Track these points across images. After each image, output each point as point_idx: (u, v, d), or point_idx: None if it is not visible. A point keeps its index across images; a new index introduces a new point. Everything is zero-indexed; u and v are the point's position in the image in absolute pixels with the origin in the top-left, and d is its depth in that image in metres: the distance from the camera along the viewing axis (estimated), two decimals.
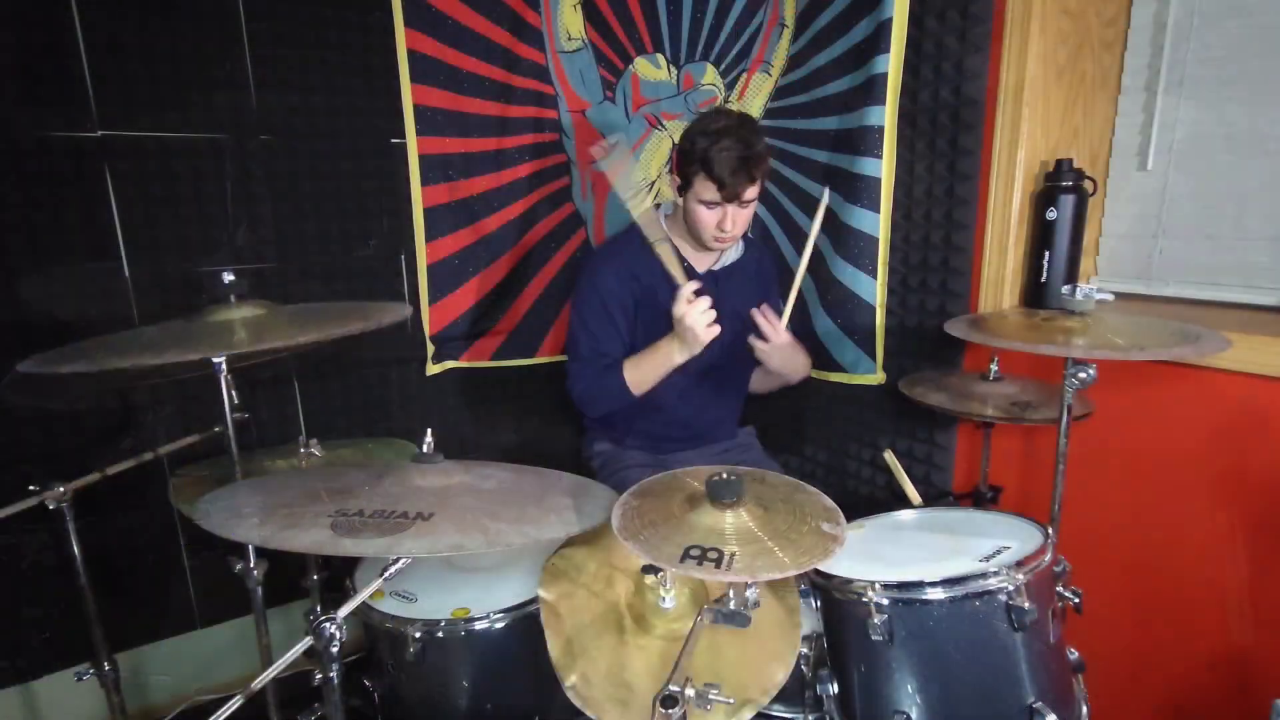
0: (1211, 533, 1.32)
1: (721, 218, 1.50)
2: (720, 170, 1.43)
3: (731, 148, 1.43)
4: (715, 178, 1.45)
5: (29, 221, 1.48)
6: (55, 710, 1.67)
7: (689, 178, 1.50)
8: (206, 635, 1.83)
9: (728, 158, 1.43)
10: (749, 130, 1.46)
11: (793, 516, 0.94)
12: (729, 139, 1.43)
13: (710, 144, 1.44)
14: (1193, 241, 1.42)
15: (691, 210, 1.53)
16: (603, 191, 2.11)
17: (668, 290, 1.62)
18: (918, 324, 1.66)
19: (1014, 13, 1.41)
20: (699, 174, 1.47)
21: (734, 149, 1.43)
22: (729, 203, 1.48)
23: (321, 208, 1.78)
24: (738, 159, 1.43)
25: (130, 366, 1.00)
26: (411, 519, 0.90)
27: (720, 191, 1.46)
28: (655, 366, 1.55)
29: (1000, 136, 1.48)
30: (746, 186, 1.46)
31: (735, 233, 1.53)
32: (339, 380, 1.87)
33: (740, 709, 0.97)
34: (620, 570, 1.13)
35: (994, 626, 0.96)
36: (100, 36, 1.48)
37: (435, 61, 1.81)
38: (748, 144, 1.44)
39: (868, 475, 1.87)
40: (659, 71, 2.03)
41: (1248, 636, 1.30)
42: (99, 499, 1.55)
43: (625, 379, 1.56)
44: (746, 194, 1.47)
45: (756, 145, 1.45)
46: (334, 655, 0.86)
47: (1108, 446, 1.43)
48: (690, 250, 1.63)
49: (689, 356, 1.51)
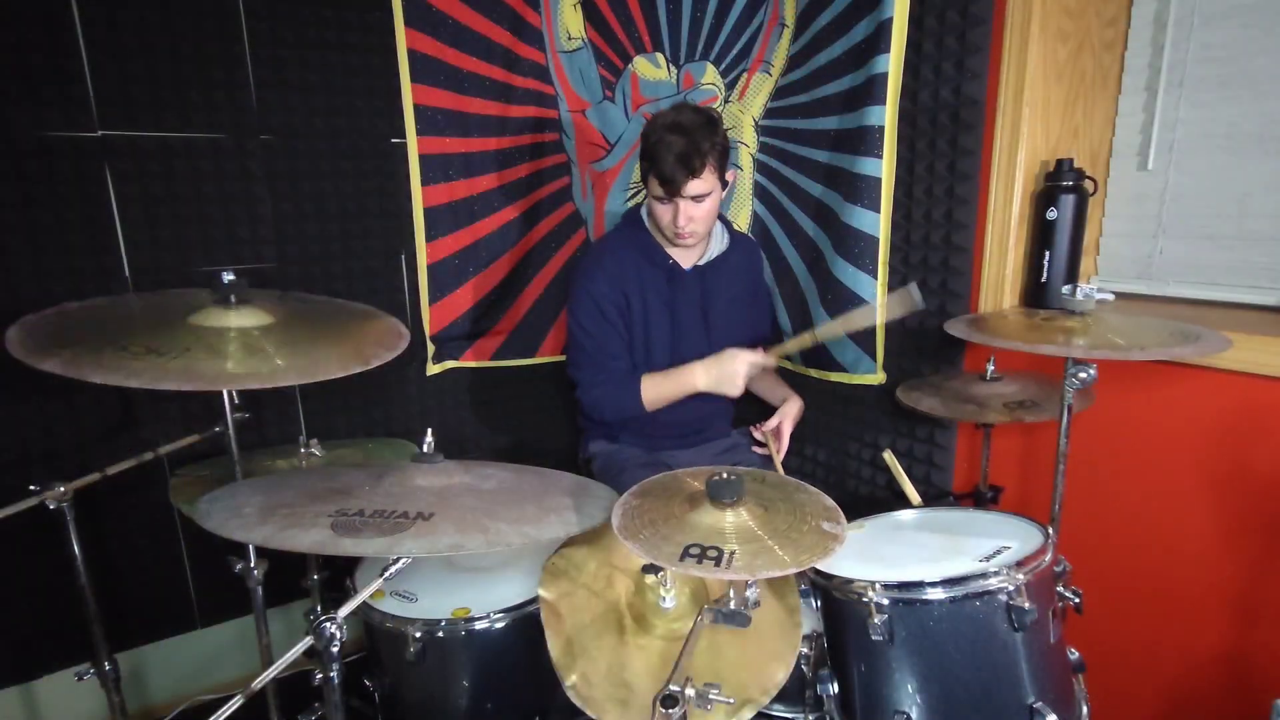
0: (1212, 533, 1.32)
1: (675, 213, 1.52)
2: (662, 166, 1.46)
3: (674, 144, 1.44)
4: (658, 173, 1.47)
5: (29, 221, 1.48)
6: (55, 710, 1.67)
7: (644, 173, 1.54)
8: (206, 635, 1.83)
9: (669, 154, 1.44)
10: (700, 127, 1.46)
11: (793, 516, 0.94)
12: (674, 135, 1.45)
13: (658, 140, 1.47)
14: (1193, 241, 1.42)
15: (651, 205, 1.57)
16: (603, 191, 2.11)
17: (658, 286, 1.64)
18: (918, 324, 1.66)
19: (1014, 12, 1.41)
20: (649, 170, 1.51)
21: (675, 145, 1.44)
22: (674, 198, 1.49)
23: (321, 208, 1.78)
24: (677, 155, 1.44)
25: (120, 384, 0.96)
26: (412, 519, 0.90)
27: (663, 187, 1.48)
28: (676, 388, 1.60)
29: (1000, 136, 1.48)
30: (687, 181, 1.46)
31: (694, 228, 1.54)
32: (339, 380, 1.86)
33: (740, 709, 0.97)
34: (620, 570, 1.13)
35: (994, 626, 0.96)
36: (100, 36, 1.48)
37: (435, 61, 1.80)
38: (692, 140, 1.44)
39: (868, 475, 1.87)
40: (659, 71, 2.03)
41: (1247, 636, 1.30)
42: (99, 499, 1.56)
43: (643, 394, 1.59)
44: (689, 189, 1.48)
45: (703, 142, 1.45)
46: (334, 655, 0.86)
47: (1108, 446, 1.43)
48: (673, 247, 1.64)
49: (709, 390, 1.58)
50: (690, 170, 1.45)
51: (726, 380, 1.55)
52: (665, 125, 1.47)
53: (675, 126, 1.46)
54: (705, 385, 1.57)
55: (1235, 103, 1.35)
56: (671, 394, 1.60)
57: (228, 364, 1.00)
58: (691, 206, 1.51)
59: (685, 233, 1.54)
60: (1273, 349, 1.20)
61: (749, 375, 1.56)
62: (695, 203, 1.51)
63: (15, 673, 1.62)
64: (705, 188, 1.49)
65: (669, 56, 2.02)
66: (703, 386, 1.57)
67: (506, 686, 1.21)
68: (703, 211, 1.53)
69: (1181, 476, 1.34)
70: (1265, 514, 1.25)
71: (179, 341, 1.02)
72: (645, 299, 1.63)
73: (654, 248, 1.64)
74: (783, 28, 1.85)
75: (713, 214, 1.58)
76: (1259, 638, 1.29)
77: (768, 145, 1.94)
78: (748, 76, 1.95)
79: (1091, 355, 1.10)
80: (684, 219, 1.51)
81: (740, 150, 1.97)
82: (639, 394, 1.59)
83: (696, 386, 1.58)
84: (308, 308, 1.29)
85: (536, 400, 2.15)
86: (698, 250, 1.67)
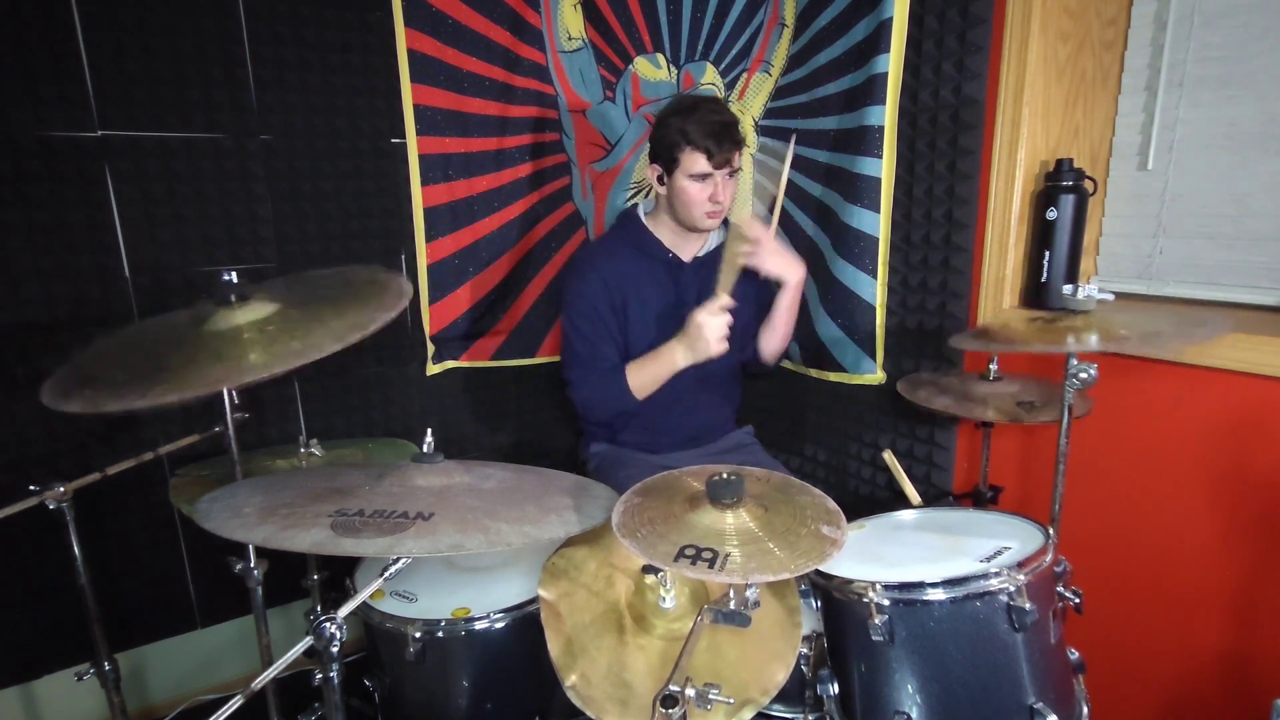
0: (1212, 533, 1.32)
1: (713, 189, 1.52)
2: (705, 139, 1.46)
3: (710, 114, 1.47)
4: (702, 147, 1.47)
5: (29, 221, 1.48)
6: (55, 710, 1.67)
7: (674, 156, 1.51)
8: (206, 635, 1.83)
9: (710, 125, 1.46)
10: (725, 105, 1.53)
11: (792, 519, 0.94)
12: (703, 110, 1.48)
13: (687, 117, 1.47)
14: (1193, 241, 1.42)
15: (680, 191, 1.54)
16: (603, 191, 2.11)
17: (654, 285, 1.63)
18: (918, 324, 1.66)
19: (1014, 12, 1.41)
20: (684, 149, 1.49)
21: (712, 115, 1.47)
22: (719, 170, 1.50)
23: (321, 208, 1.78)
24: (719, 124, 1.47)
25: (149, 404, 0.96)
26: (412, 519, 0.90)
27: (710, 160, 1.48)
28: (658, 370, 1.56)
29: (1000, 136, 1.48)
30: (732, 151, 1.49)
31: (727, 203, 1.55)
32: (339, 380, 1.87)
33: (740, 709, 0.97)
34: (621, 570, 1.13)
35: (994, 627, 0.96)
36: (100, 36, 1.48)
37: (435, 61, 1.81)
38: (727, 114, 1.49)
39: (868, 475, 1.87)
40: (659, 71, 2.03)
41: (1247, 636, 1.30)
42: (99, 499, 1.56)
43: (628, 383, 1.57)
44: (735, 160, 1.51)
45: (732, 117, 1.50)
46: (334, 655, 0.85)
47: (1108, 446, 1.43)
48: (677, 240, 1.64)
49: (692, 362, 1.52)
50: (734, 141, 1.48)
51: (701, 344, 1.48)
52: (690, 105, 1.49)
53: (700, 103, 1.49)
54: (686, 358, 1.52)
55: (1235, 103, 1.35)
56: (657, 375, 1.56)
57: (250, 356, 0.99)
58: (729, 181, 1.53)
59: (720, 210, 1.55)
60: (1273, 349, 1.20)
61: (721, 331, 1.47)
62: (730, 178, 1.53)
63: (15, 673, 1.62)
64: (739, 161, 1.53)
65: (669, 57, 2.02)
66: (684, 361, 1.52)
67: (506, 686, 1.20)
68: (734, 187, 1.56)
69: (1182, 476, 1.34)
70: (1265, 514, 1.25)
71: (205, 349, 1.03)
72: (644, 295, 1.63)
73: (653, 243, 1.64)
74: (783, 27, 1.85)
75: (735, 191, 1.60)
76: (1259, 638, 1.29)
77: (768, 145, 1.94)
78: (748, 76, 1.95)
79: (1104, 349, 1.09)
80: (722, 193, 1.52)
81: None
82: (626, 385, 1.57)
83: (679, 363, 1.53)
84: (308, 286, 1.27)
85: (536, 400, 2.15)
86: (697, 243, 1.67)
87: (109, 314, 1.57)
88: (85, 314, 1.55)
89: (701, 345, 1.48)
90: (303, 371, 1.81)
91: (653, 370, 1.57)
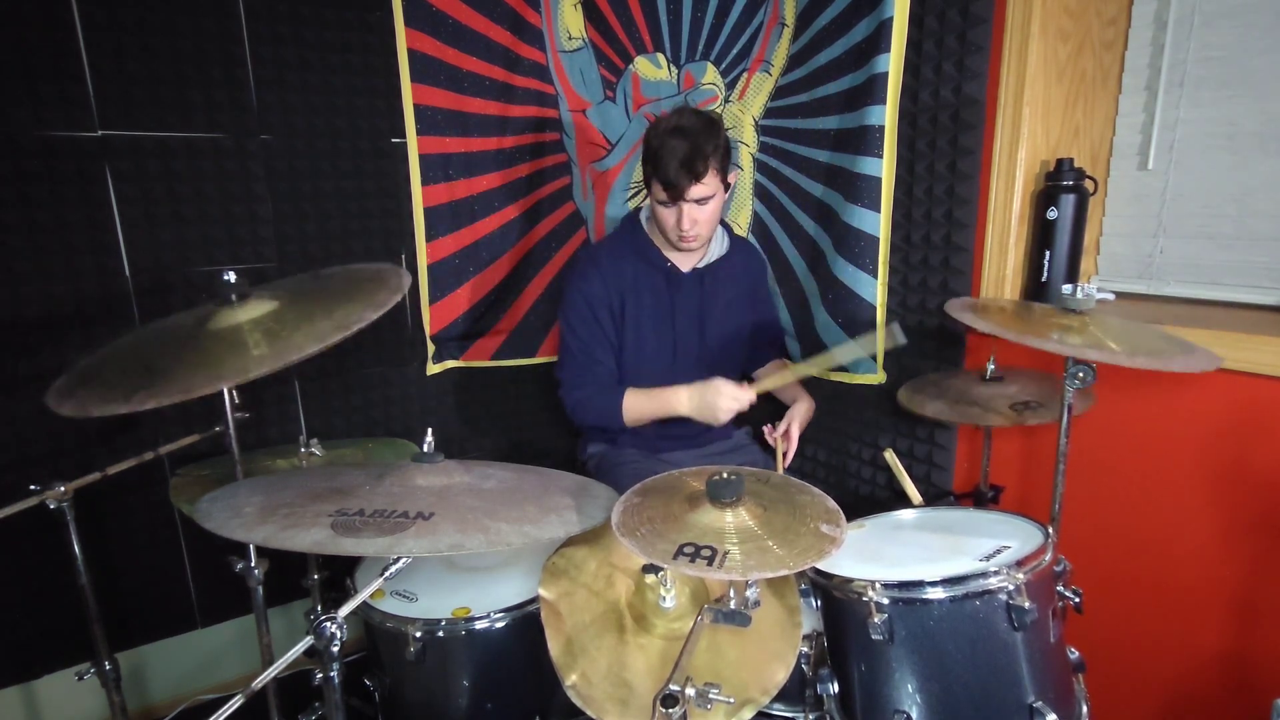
0: (1212, 532, 1.32)
1: (678, 216, 1.52)
2: (665, 170, 1.46)
3: (677, 148, 1.45)
4: (661, 178, 1.48)
5: (29, 221, 1.48)
6: (55, 710, 1.68)
7: (647, 178, 1.54)
8: (207, 635, 1.83)
9: (671, 159, 1.45)
10: (701, 130, 1.47)
11: (792, 517, 0.94)
12: (676, 139, 1.45)
13: (660, 145, 1.47)
14: (1193, 241, 1.42)
15: (654, 210, 1.56)
16: (603, 191, 2.11)
17: (652, 293, 1.63)
18: (918, 324, 1.66)
19: (1014, 12, 1.41)
20: (651, 174, 1.51)
21: (678, 149, 1.45)
22: (677, 202, 1.49)
23: (321, 207, 1.78)
24: (680, 159, 1.45)
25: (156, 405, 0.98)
26: (412, 519, 0.90)
27: (667, 191, 1.49)
28: (657, 409, 1.59)
29: (1001, 136, 1.47)
30: (690, 185, 1.47)
31: (698, 231, 1.54)
32: (339, 380, 1.87)
33: (740, 708, 0.97)
34: (621, 570, 1.13)
35: (994, 626, 0.96)
36: (100, 36, 1.48)
37: (435, 61, 1.81)
38: (694, 144, 1.45)
39: (868, 475, 1.87)
40: (659, 71, 2.03)
41: (1247, 636, 1.30)
42: (99, 499, 1.56)
43: (624, 406, 1.58)
44: (692, 193, 1.48)
45: (705, 145, 1.45)
46: (334, 655, 0.86)
47: (1108, 446, 1.43)
48: (672, 251, 1.64)
49: (691, 416, 1.57)
50: (694, 174, 1.46)
51: (708, 410, 1.52)
52: (667, 130, 1.47)
53: (677, 130, 1.46)
54: (688, 410, 1.56)
55: (1235, 103, 1.35)
56: (653, 413, 1.60)
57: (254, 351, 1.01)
58: (695, 210, 1.51)
59: (689, 236, 1.54)
60: (1273, 349, 1.20)
61: (731, 413, 1.52)
62: (699, 206, 1.51)
63: (15, 673, 1.62)
64: (708, 191, 1.50)
65: (670, 56, 2.02)
66: (685, 411, 1.56)
67: (506, 686, 1.21)
68: (706, 214, 1.53)
69: (1182, 476, 1.34)
70: (1265, 514, 1.25)
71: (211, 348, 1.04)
72: (642, 302, 1.63)
73: (652, 250, 1.64)
74: (783, 27, 1.85)
75: (716, 217, 1.58)
76: (1259, 638, 1.29)
77: (768, 145, 1.94)
78: (748, 76, 1.95)
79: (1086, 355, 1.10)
80: (688, 222, 1.51)
81: (740, 150, 1.97)
82: (620, 406, 1.59)
83: (679, 410, 1.56)
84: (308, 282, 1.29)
85: (536, 400, 2.15)
86: (697, 253, 1.67)
87: (109, 314, 1.57)
88: (85, 314, 1.55)
89: (709, 412, 1.53)
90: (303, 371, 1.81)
91: (652, 407, 1.59)
